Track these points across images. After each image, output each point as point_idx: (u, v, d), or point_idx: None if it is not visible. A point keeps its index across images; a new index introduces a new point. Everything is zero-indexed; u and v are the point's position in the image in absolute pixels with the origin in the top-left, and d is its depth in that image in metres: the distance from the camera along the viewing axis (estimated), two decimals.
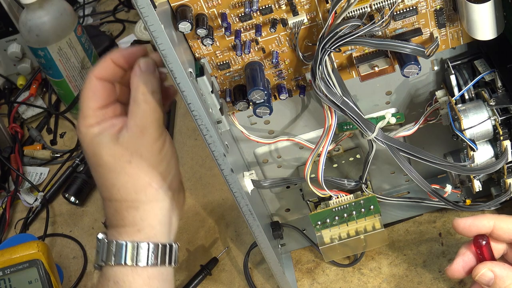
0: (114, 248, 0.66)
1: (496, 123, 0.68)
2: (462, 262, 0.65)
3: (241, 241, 0.89)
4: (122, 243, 0.66)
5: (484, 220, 0.64)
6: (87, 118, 0.66)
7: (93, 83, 0.66)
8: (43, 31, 1.07)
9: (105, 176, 0.66)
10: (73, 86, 1.14)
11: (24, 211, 1.07)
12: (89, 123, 0.66)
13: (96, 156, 0.66)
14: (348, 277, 0.81)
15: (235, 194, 0.66)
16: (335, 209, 0.75)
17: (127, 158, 0.65)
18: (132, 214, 0.66)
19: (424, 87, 0.74)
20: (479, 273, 0.63)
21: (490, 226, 0.64)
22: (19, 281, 0.84)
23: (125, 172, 0.65)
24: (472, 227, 0.64)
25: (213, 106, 0.65)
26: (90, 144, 0.66)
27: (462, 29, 0.67)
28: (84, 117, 0.66)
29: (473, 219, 0.64)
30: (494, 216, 0.64)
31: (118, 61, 0.65)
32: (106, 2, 1.48)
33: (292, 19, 0.63)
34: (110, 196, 0.67)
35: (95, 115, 0.66)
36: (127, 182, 0.66)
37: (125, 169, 0.65)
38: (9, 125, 1.19)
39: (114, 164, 0.65)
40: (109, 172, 0.66)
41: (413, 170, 0.68)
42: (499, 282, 0.62)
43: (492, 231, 0.64)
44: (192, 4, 0.61)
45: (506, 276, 0.62)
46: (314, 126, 0.76)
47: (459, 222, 0.65)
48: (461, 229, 0.65)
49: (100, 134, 0.65)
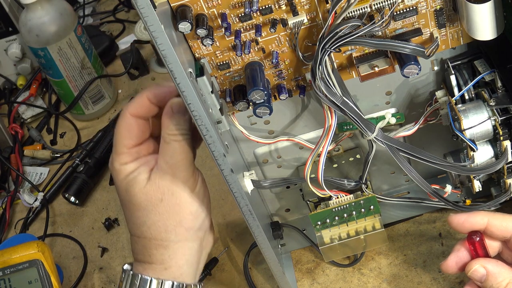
0: (138, 282, 0.67)
1: (496, 123, 0.68)
2: (456, 258, 0.66)
3: (241, 241, 0.89)
4: (147, 279, 0.66)
5: (477, 217, 0.65)
6: (122, 155, 0.66)
7: (128, 121, 0.66)
8: (43, 31, 1.07)
9: (136, 213, 0.67)
10: (73, 86, 1.14)
11: (24, 211, 1.07)
12: (124, 161, 0.66)
13: (129, 194, 0.66)
14: (348, 277, 0.81)
15: (235, 194, 0.66)
16: (335, 209, 0.75)
17: (158, 197, 0.65)
18: (160, 252, 0.67)
19: (424, 87, 0.74)
20: (472, 269, 0.64)
21: (484, 223, 0.64)
22: (19, 281, 0.84)
23: (157, 210, 0.66)
24: (466, 223, 0.65)
25: (213, 106, 0.65)
26: (123, 181, 0.67)
27: (462, 29, 0.67)
28: (118, 154, 0.67)
29: (467, 216, 0.65)
30: (488, 214, 0.65)
31: (153, 99, 0.65)
32: (106, 2, 1.48)
33: (292, 19, 0.63)
34: (140, 233, 0.67)
35: (130, 152, 0.67)
36: (158, 221, 0.66)
37: (156, 208, 0.66)
38: (9, 125, 1.19)
39: (145, 202, 0.66)
40: (140, 210, 0.66)
41: (413, 170, 0.68)
42: (491, 279, 0.63)
43: (486, 228, 0.65)
44: (192, 4, 0.61)
45: (498, 273, 0.63)
46: (314, 126, 0.76)
47: (453, 218, 0.66)
48: (455, 224, 0.66)
49: (134, 172, 0.66)
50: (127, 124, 0.66)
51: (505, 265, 0.64)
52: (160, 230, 0.66)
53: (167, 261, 0.67)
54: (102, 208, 1.03)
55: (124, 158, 0.66)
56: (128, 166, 0.66)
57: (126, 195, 0.67)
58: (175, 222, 0.66)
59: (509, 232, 0.64)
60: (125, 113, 0.66)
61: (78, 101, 1.15)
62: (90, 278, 0.94)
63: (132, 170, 0.66)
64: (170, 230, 0.67)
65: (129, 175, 0.66)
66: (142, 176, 0.66)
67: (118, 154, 0.67)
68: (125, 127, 0.66)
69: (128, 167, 0.66)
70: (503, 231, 0.64)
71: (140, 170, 0.66)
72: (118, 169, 0.67)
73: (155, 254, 0.67)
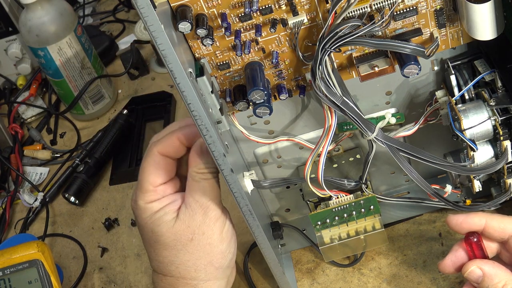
0: None
1: (496, 123, 0.68)
2: (453, 258, 0.66)
3: (241, 241, 0.89)
4: None
5: (475, 218, 0.65)
6: (148, 193, 0.65)
7: (157, 159, 0.65)
8: (43, 31, 1.07)
9: (163, 253, 0.66)
10: (73, 86, 1.14)
11: (24, 211, 1.07)
12: (150, 199, 0.66)
13: (155, 233, 0.65)
14: (348, 277, 0.81)
15: (235, 194, 0.66)
16: (335, 209, 0.75)
17: (189, 236, 0.65)
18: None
19: (424, 87, 0.74)
20: (468, 270, 0.64)
21: (481, 224, 0.65)
22: (19, 281, 0.84)
23: (186, 250, 0.65)
24: (464, 224, 0.65)
25: (213, 106, 0.65)
26: (148, 219, 0.66)
27: (462, 29, 0.67)
28: (144, 191, 0.65)
29: (465, 217, 0.65)
30: (486, 215, 0.65)
31: (184, 141, 0.65)
32: (106, 2, 1.48)
33: (292, 19, 0.63)
34: (167, 272, 0.67)
35: (156, 191, 0.66)
36: (188, 261, 0.66)
37: (186, 247, 0.65)
38: (9, 125, 1.19)
39: (174, 241, 0.65)
40: (168, 249, 0.66)
41: (413, 170, 0.68)
42: (488, 280, 0.63)
43: (483, 229, 0.65)
44: (192, 4, 0.61)
45: (494, 274, 0.63)
46: (314, 126, 0.76)
47: (451, 219, 0.66)
48: (453, 225, 0.66)
49: (160, 211, 0.65)
50: (155, 162, 0.65)
51: (501, 267, 0.64)
52: (190, 269, 0.66)
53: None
54: (102, 208, 1.03)
55: (150, 197, 0.65)
56: (154, 204, 0.65)
57: (152, 234, 0.66)
58: (205, 262, 0.66)
59: (507, 234, 0.64)
60: (153, 150, 0.65)
61: (78, 101, 1.15)
62: (90, 278, 0.94)
63: (158, 209, 0.65)
64: (200, 270, 0.66)
65: (155, 214, 0.65)
66: (169, 215, 0.65)
67: (143, 191, 0.65)
68: (153, 165, 0.65)
69: (154, 205, 0.65)
70: (501, 232, 0.64)
71: (167, 209, 0.65)
72: (143, 207, 0.66)
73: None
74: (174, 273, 0.66)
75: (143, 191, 0.66)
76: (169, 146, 0.66)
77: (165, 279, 0.67)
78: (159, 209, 0.66)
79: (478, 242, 0.64)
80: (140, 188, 0.66)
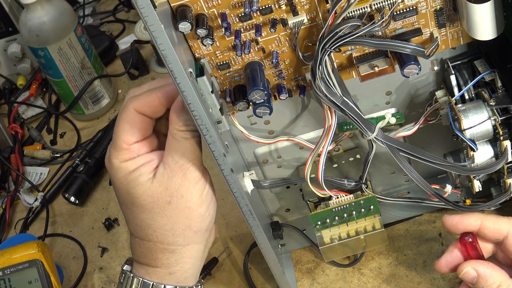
0: (139, 286, 0.64)
1: (496, 123, 0.68)
2: (449, 258, 0.66)
3: (241, 241, 0.89)
4: (148, 283, 0.64)
5: (470, 219, 0.65)
6: (122, 151, 0.62)
7: (132, 116, 0.62)
8: (43, 31, 1.07)
9: (140, 216, 0.63)
10: (73, 86, 1.14)
11: (24, 211, 1.07)
12: (124, 158, 0.62)
13: (131, 195, 0.62)
14: (348, 277, 0.81)
15: (235, 194, 0.66)
16: (335, 209, 0.75)
17: (166, 199, 0.62)
18: (166, 256, 0.64)
19: (424, 87, 0.74)
20: (463, 271, 0.64)
21: (476, 225, 0.65)
22: (19, 281, 0.84)
23: (164, 213, 0.62)
24: (459, 224, 0.65)
25: (213, 106, 0.65)
26: (123, 180, 0.62)
27: (462, 29, 0.66)
28: (118, 149, 0.62)
29: (460, 217, 0.65)
30: (481, 215, 0.65)
31: (164, 100, 0.62)
32: (106, 2, 1.48)
33: (292, 19, 0.63)
34: (144, 236, 0.64)
35: (130, 149, 0.62)
36: (166, 225, 0.63)
37: (164, 210, 0.62)
38: (9, 125, 1.19)
39: (152, 204, 0.62)
40: (145, 212, 0.63)
41: (413, 170, 0.68)
42: (482, 281, 0.63)
43: (479, 230, 0.65)
44: (192, 4, 0.61)
45: (489, 275, 0.63)
46: (314, 126, 0.76)
47: (447, 219, 0.66)
48: (448, 226, 0.66)
49: (136, 171, 0.62)
50: (130, 119, 0.62)
51: (496, 267, 0.64)
52: (168, 234, 0.63)
53: (172, 266, 0.65)
54: (102, 208, 1.03)
55: (124, 155, 0.62)
56: (128, 163, 0.62)
57: (128, 195, 0.63)
58: (184, 226, 0.63)
59: (502, 234, 0.64)
60: (129, 107, 0.62)
61: (78, 101, 1.15)
62: (90, 278, 0.94)
63: (134, 169, 0.62)
64: (178, 234, 0.64)
65: (131, 174, 0.62)
66: (145, 176, 0.62)
67: (117, 150, 0.62)
68: (128, 121, 0.62)
69: (129, 165, 0.62)
70: (496, 233, 0.64)
71: (143, 170, 0.62)
72: (117, 167, 0.62)
73: (160, 258, 0.64)
74: (151, 238, 0.64)
75: (117, 149, 0.62)
76: (147, 104, 0.62)
77: (143, 244, 0.64)
78: (134, 169, 0.62)
79: (473, 242, 0.65)
80: (114, 145, 0.62)
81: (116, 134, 0.63)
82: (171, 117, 0.62)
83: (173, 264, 0.65)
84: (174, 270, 0.65)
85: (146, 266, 0.65)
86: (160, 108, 0.63)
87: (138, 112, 0.62)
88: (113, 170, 0.63)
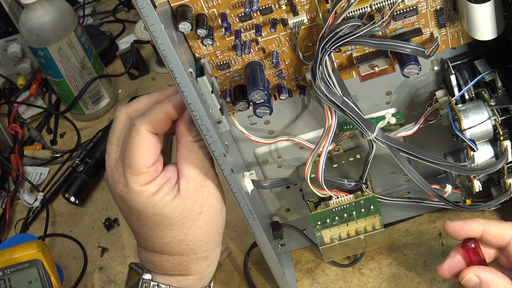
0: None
1: (496, 123, 0.68)
2: (451, 264, 0.66)
3: (241, 241, 0.89)
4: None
5: (473, 225, 0.64)
6: (141, 175, 0.61)
7: (148, 138, 0.61)
8: (43, 31, 1.07)
9: (169, 234, 0.63)
10: (73, 86, 1.14)
11: (24, 211, 1.07)
12: (144, 181, 0.61)
13: (159, 216, 0.62)
14: (348, 277, 0.81)
15: (235, 194, 0.66)
16: (335, 209, 0.75)
17: (197, 210, 0.63)
18: (199, 264, 0.66)
19: (424, 87, 0.74)
20: (465, 277, 0.64)
21: (479, 231, 0.64)
22: (19, 281, 0.84)
23: (196, 225, 0.64)
24: (462, 231, 0.65)
25: (213, 106, 0.65)
26: (147, 203, 0.62)
27: (462, 29, 0.67)
28: (137, 174, 0.61)
29: (462, 223, 0.65)
30: (484, 221, 0.65)
31: (174, 114, 0.62)
32: (106, 2, 1.48)
33: (292, 19, 0.63)
34: (175, 252, 0.65)
35: (149, 172, 0.62)
36: (199, 235, 0.64)
37: (196, 222, 0.63)
38: (9, 125, 1.19)
39: (183, 220, 0.63)
40: (175, 229, 0.63)
41: (413, 170, 0.68)
42: (485, 287, 0.63)
43: (481, 235, 0.64)
44: (192, 4, 0.61)
45: (491, 281, 0.62)
46: (314, 126, 0.76)
47: (449, 225, 0.65)
48: (450, 232, 0.65)
49: (159, 192, 0.62)
50: (146, 141, 0.61)
51: (498, 273, 0.63)
52: (201, 244, 0.65)
53: (204, 271, 0.67)
54: (102, 208, 1.03)
55: (145, 178, 0.61)
56: (150, 186, 0.62)
57: (155, 217, 0.62)
58: (214, 232, 0.66)
59: (505, 240, 0.64)
60: (142, 129, 0.61)
61: (78, 101, 1.15)
62: (90, 278, 0.94)
63: (156, 191, 0.62)
64: (211, 241, 0.66)
65: (155, 196, 0.62)
66: (171, 195, 0.62)
67: (136, 174, 0.61)
68: (144, 144, 0.61)
69: (151, 187, 0.62)
70: (499, 239, 0.64)
71: (166, 189, 0.62)
72: (138, 191, 0.61)
73: (193, 268, 0.66)
74: (184, 252, 0.64)
75: (136, 174, 0.61)
76: (158, 123, 0.61)
77: (173, 259, 0.65)
78: (157, 190, 0.62)
79: (475, 248, 0.64)
80: (130, 170, 0.61)
81: (132, 159, 0.61)
82: (181, 130, 0.62)
83: (205, 269, 0.67)
84: (204, 275, 0.67)
85: (176, 276, 0.66)
86: (170, 124, 0.63)
87: (151, 133, 0.62)
88: (133, 194, 0.62)
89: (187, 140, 0.62)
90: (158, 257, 0.66)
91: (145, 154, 0.61)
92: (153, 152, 0.62)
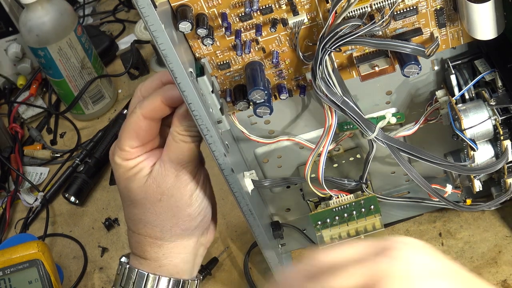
0: (134, 276, 0.67)
1: (497, 123, 0.68)
2: None
3: (241, 241, 0.89)
4: (143, 273, 0.67)
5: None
6: (125, 152, 0.65)
7: (139, 123, 0.64)
8: (43, 31, 1.07)
9: (133, 210, 0.66)
10: (73, 86, 1.14)
11: (24, 211, 1.07)
12: (125, 157, 0.65)
13: (128, 189, 0.66)
14: None
15: (236, 194, 0.66)
16: (335, 209, 0.75)
17: (157, 197, 0.65)
18: (154, 250, 0.67)
19: (424, 87, 0.74)
20: None
21: None
22: (19, 281, 0.84)
23: (154, 210, 0.65)
24: None
25: (213, 106, 0.65)
26: (123, 175, 0.66)
27: (462, 29, 0.67)
28: (121, 149, 0.65)
29: None
30: None
31: (168, 102, 0.64)
32: (106, 2, 1.48)
33: (292, 19, 0.63)
34: (135, 229, 0.67)
35: (131, 152, 0.65)
36: (154, 220, 0.66)
37: (154, 207, 0.65)
38: (9, 125, 1.19)
39: (144, 200, 0.65)
40: (137, 207, 0.66)
41: (413, 170, 0.68)
42: None
43: None
44: (192, 4, 0.61)
45: None
46: (315, 126, 0.76)
47: None
48: None
49: (135, 167, 0.65)
50: (136, 125, 0.64)
51: None
52: (156, 229, 0.66)
53: (161, 259, 0.67)
54: (102, 208, 1.03)
55: (126, 155, 0.65)
56: (129, 162, 0.65)
57: (125, 190, 0.66)
58: (171, 224, 0.66)
59: None
60: (138, 113, 0.64)
61: (78, 101, 1.15)
62: (90, 278, 0.94)
63: (134, 166, 0.65)
64: (166, 231, 0.66)
65: (130, 170, 0.65)
66: (143, 172, 0.65)
67: (121, 149, 0.65)
68: (134, 127, 0.64)
69: (129, 163, 0.65)
70: None
71: (142, 166, 0.65)
72: (119, 164, 0.66)
73: (149, 251, 0.67)
74: (141, 231, 0.67)
75: (121, 149, 0.65)
76: (153, 109, 0.64)
77: (134, 236, 0.68)
78: (134, 165, 0.65)
79: None
80: (119, 145, 0.65)
81: (121, 136, 0.65)
82: (174, 119, 0.64)
83: (161, 258, 0.67)
84: (164, 263, 0.67)
85: (139, 258, 0.68)
86: (165, 111, 0.65)
87: (144, 118, 0.64)
88: (116, 165, 0.66)
89: (175, 130, 0.64)
90: (128, 232, 0.69)
91: (132, 137, 0.65)
92: (141, 136, 0.65)
